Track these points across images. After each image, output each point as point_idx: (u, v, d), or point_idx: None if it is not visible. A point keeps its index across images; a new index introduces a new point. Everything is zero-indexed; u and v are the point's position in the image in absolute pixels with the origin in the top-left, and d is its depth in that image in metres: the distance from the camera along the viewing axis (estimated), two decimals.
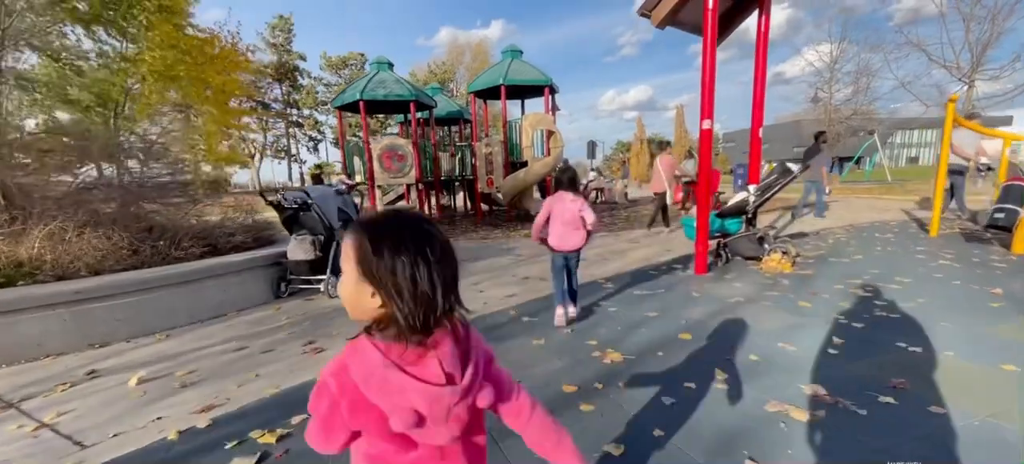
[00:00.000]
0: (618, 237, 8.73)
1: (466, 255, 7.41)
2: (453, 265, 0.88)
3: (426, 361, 0.85)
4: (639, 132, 69.18)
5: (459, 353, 0.89)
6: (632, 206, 16.32)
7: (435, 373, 0.85)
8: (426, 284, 0.82)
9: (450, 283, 0.87)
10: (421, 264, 0.82)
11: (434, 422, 0.85)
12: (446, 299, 0.85)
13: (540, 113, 13.18)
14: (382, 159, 12.54)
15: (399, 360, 0.84)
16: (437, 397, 0.84)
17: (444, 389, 0.84)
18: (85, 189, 5.38)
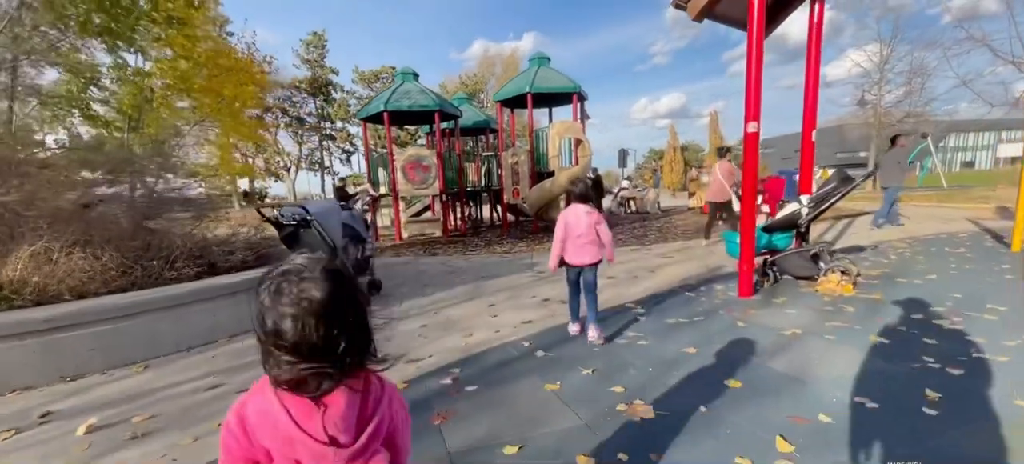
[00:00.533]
0: (649, 251, 8.08)
1: (484, 271, 6.94)
2: (340, 321, 0.82)
3: (314, 417, 0.83)
4: (672, 139, 67.66)
5: (354, 415, 0.86)
6: (664, 216, 15.55)
7: (320, 431, 0.83)
8: (291, 340, 0.79)
9: (327, 342, 0.80)
10: (288, 320, 0.79)
11: None
12: (323, 358, 0.81)
13: (567, 121, 12.66)
14: (406, 170, 12.26)
15: (290, 408, 0.83)
16: (321, 455, 0.83)
17: (327, 449, 0.83)
18: (86, 206, 5.17)
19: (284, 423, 0.82)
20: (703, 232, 9.18)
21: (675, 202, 25.67)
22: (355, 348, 0.84)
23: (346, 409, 0.85)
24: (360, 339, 0.86)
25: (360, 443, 0.85)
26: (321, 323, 0.79)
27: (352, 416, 0.86)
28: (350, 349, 0.83)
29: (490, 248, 9.93)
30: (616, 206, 19.06)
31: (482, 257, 8.61)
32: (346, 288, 0.84)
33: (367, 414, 0.88)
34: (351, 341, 0.83)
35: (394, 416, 0.94)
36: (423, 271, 7.33)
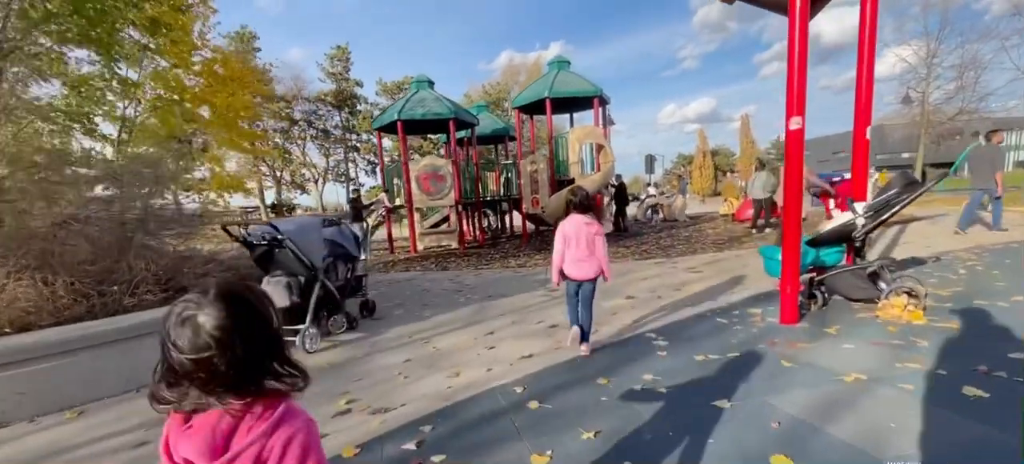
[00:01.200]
0: (676, 265, 7.34)
1: (493, 289, 6.36)
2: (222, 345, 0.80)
3: (183, 437, 0.84)
4: (701, 144, 65.92)
5: (216, 441, 0.83)
6: (693, 224, 14.67)
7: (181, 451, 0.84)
8: (169, 358, 0.82)
9: (199, 365, 0.80)
10: (168, 340, 0.82)
11: None
12: (193, 380, 0.82)
13: (588, 126, 12.03)
14: (420, 180, 11.83)
15: (171, 425, 0.87)
16: None
17: None
18: (62, 224, 4.83)
19: (164, 439, 0.87)
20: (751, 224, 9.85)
21: (705, 209, 24.62)
22: (241, 373, 0.83)
23: (208, 434, 0.83)
24: (249, 364, 0.84)
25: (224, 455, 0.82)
26: (198, 346, 0.80)
27: (217, 441, 0.83)
28: (230, 374, 0.81)
29: (505, 261, 9.36)
30: (643, 214, 18.24)
31: (495, 271, 8.03)
32: (236, 313, 0.83)
33: (239, 442, 0.83)
34: (235, 365, 0.81)
35: (274, 446, 0.84)
36: (427, 289, 6.80)
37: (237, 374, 0.82)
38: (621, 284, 6.08)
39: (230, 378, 0.81)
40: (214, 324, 0.80)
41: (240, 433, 0.84)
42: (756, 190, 11.25)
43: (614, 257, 8.73)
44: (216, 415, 0.83)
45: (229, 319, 0.81)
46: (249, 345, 0.83)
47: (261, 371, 0.85)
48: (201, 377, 0.80)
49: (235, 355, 0.81)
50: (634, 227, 15.10)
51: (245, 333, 0.83)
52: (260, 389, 0.85)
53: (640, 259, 8.37)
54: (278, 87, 34.71)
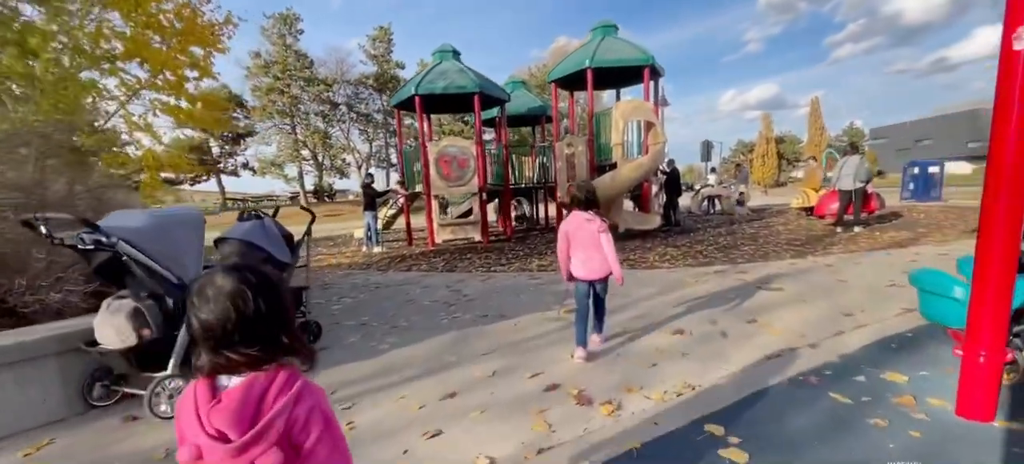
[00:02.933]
0: (744, 276, 5.54)
1: (494, 305, 4.84)
2: (241, 313, 0.87)
3: (213, 408, 0.86)
4: (765, 130, 61.24)
5: (248, 410, 0.87)
6: (757, 218, 12.50)
7: (210, 424, 0.86)
8: (197, 327, 0.88)
9: (225, 331, 0.87)
10: (196, 310, 0.88)
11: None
12: (223, 346, 0.87)
13: (635, 100, 10.20)
14: (439, 164, 10.43)
15: (199, 397, 0.89)
16: (209, 447, 0.85)
17: (214, 442, 0.85)
18: None
19: (189, 411, 0.88)
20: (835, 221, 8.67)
21: (767, 200, 22.03)
22: (261, 340, 0.88)
23: (239, 404, 0.86)
24: (266, 332, 0.89)
25: (243, 440, 0.84)
26: (221, 312, 0.86)
27: (246, 411, 0.86)
28: (251, 340, 0.87)
29: (527, 261, 7.80)
30: (698, 206, 16.14)
31: (508, 276, 6.51)
32: (252, 283, 0.89)
33: (264, 410, 0.87)
34: (253, 333, 0.87)
35: (299, 416, 0.89)
36: (414, 299, 5.37)
37: (258, 335, 0.88)
38: (667, 305, 4.41)
39: (252, 338, 0.87)
40: (230, 288, 0.87)
41: (267, 405, 0.87)
42: (845, 179, 9.10)
43: (662, 261, 7.00)
44: (243, 387, 0.87)
45: (242, 284, 0.88)
46: (266, 314, 0.88)
47: (277, 339, 0.91)
48: (226, 337, 0.86)
49: (252, 316, 0.87)
50: (687, 221, 13.13)
51: (258, 297, 0.88)
52: (279, 360, 0.91)
53: (695, 265, 6.60)
54: (321, 70, 34.53)
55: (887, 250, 6.72)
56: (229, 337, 0.86)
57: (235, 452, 0.83)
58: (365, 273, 7.60)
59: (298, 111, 34.36)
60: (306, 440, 0.89)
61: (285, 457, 0.86)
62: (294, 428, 0.87)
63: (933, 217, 10.73)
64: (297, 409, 0.88)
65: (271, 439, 0.85)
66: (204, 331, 0.87)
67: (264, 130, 35.24)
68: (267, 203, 39.91)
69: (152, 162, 4.97)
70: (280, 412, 0.86)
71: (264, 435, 0.84)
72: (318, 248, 12.29)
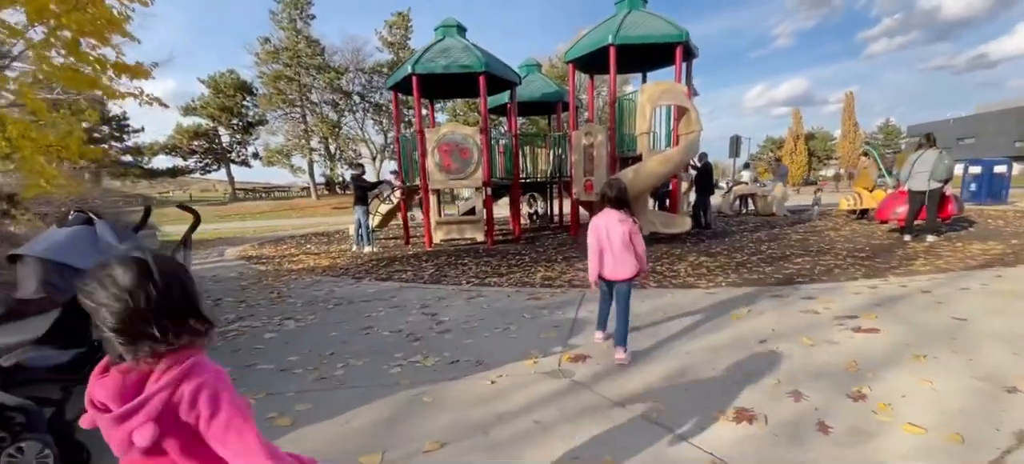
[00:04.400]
0: (812, 304, 4.14)
1: (472, 343, 3.56)
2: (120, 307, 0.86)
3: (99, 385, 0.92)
4: (795, 127, 58.52)
5: (126, 390, 0.90)
6: (798, 221, 10.92)
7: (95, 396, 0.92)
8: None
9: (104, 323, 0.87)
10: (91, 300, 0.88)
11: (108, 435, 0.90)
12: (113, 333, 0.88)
13: (665, 82, 8.77)
14: (438, 154, 9.18)
15: (94, 374, 0.94)
16: (97, 417, 0.91)
17: (96, 412, 0.91)
18: None
19: (94, 381, 0.93)
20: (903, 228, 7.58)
21: (799, 200, 20.30)
22: (141, 333, 0.87)
23: (118, 383, 0.90)
24: (146, 325, 0.87)
25: (119, 411, 0.88)
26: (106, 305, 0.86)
27: (123, 390, 0.90)
28: (146, 326, 0.87)
29: (532, 269, 6.50)
30: (729, 206, 14.61)
31: (504, 293, 5.21)
32: (145, 271, 0.88)
33: (149, 389, 0.89)
34: (149, 317, 0.87)
35: (184, 394, 0.90)
36: (370, 327, 4.11)
37: (152, 326, 0.86)
38: (717, 354, 3.07)
39: (147, 331, 0.86)
40: (127, 280, 0.86)
41: (151, 381, 0.90)
42: (918, 177, 7.56)
43: (697, 274, 5.63)
44: (125, 369, 0.90)
45: (139, 276, 0.87)
46: (161, 300, 0.88)
47: (178, 326, 0.90)
48: (121, 329, 0.86)
49: (146, 307, 0.86)
50: (718, 223, 11.64)
51: (155, 288, 0.88)
52: (174, 345, 0.90)
53: (741, 283, 5.21)
54: (335, 57, 33.56)
55: (993, 269, 5.23)
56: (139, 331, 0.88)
57: (111, 422, 0.88)
58: (335, 281, 6.39)
59: (308, 100, 33.52)
60: (197, 420, 0.90)
61: (173, 434, 0.90)
62: (180, 406, 0.89)
63: (1015, 223, 9.07)
64: (182, 387, 0.89)
65: (149, 413, 0.87)
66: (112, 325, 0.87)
67: (273, 119, 34.58)
68: (278, 194, 39.50)
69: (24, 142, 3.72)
70: (162, 387, 0.88)
71: (141, 408, 0.87)
72: (308, 245, 11.18)
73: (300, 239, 12.77)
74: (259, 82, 33.39)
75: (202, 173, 36.83)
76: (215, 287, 6.30)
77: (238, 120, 35.02)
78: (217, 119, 34.09)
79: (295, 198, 38.02)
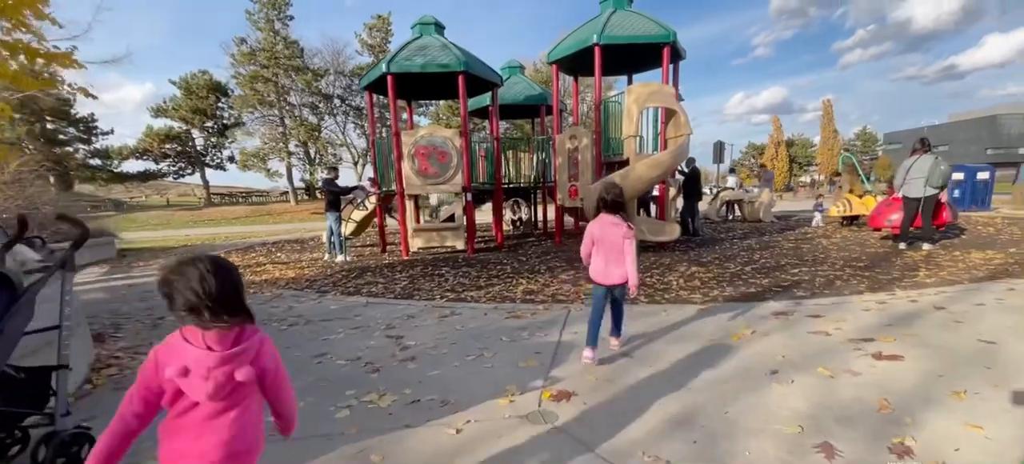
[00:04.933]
0: (821, 326, 3.75)
1: (439, 378, 3.07)
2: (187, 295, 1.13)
3: (199, 336, 1.17)
4: (776, 134, 59.17)
5: (226, 340, 1.18)
6: (787, 227, 10.62)
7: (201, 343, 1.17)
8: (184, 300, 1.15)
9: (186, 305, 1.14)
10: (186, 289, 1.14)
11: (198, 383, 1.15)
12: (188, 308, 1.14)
13: (653, 83, 8.40)
14: (416, 158, 8.68)
15: (187, 332, 1.18)
16: (200, 358, 1.15)
17: (205, 352, 1.15)
18: None
19: (179, 343, 1.17)
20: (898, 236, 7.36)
21: (788, 206, 20.22)
22: (225, 304, 1.15)
23: (219, 335, 1.17)
24: (231, 302, 1.17)
25: (229, 352, 1.17)
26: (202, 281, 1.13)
27: (225, 340, 1.18)
28: (221, 303, 1.14)
29: (514, 281, 6.04)
30: (716, 213, 14.34)
31: (481, 310, 4.73)
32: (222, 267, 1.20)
33: (241, 344, 1.20)
34: (221, 298, 1.14)
35: (263, 356, 1.25)
36: (325, 354, 3.58)
37: (229, 306, 1.16)
38: (722, 388, 2.62)
39: (225, 308, 1.15)
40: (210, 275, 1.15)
41: (240, 339, 1.21)
42: (913, 183, 7.30)
43: (689, 287, 5.22)
44: (221, 328, 1.17)
45: (216, 274, 1.16)
46: (230, 288, 1.18)
47: (240, 307, 1.19)
48: (215, 300, 1.13)
49: (223, 292, 1.15)
50: (706, 230, 11.31)
51: (227, 281, 1.17)
52: (241, 322, 1.20)
53: (737, 297, 4.81)
54: (315, 59, 32.73)
55: (1002, 282, 4.91)
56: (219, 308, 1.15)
57: (220, 361, 1.15)
58: (298, 295, 5.84)
59: (286, 102, 32.60)
60: (266, 371, 1.25)
61: (254, 378, 1.22)
62: (259, 359, 1.23)
63: (1007, 231, 8.88)
64: (258, 344, 1.24)
65: (246, 359, 1.20)
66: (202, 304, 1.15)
67: (250, 121, 33.56)
68: (256, 199, 38.32)
69: None
70: (249, 343, 1.21)
71: (243, 354, 1.19)
72: (278, 253, 10.55)
73: (271, 247, 12.11)
74: (234, 83, 32.37)
75: (175, 177, 35.52)
76: (160, 304, 5.69)
77: (213, 123, 33.78)
78: (190, 121, 32.87)
79: (273, 203, 36.99)
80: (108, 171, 32.54)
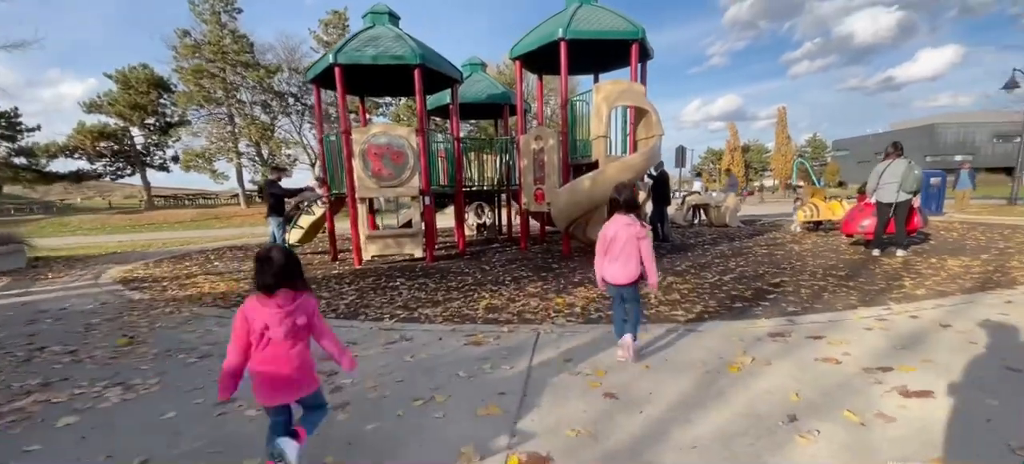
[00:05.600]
0: (826, 351, 3.29)
1: (398, 429, 2.40)
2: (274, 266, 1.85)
3: (269, 300, 1.84)
4: (732, 140, 60.83)
5: (287, 301, 1.86)
6: (756, 233, 10.41)
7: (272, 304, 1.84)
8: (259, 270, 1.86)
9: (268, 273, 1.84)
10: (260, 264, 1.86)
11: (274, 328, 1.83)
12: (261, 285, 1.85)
13: (623, 81, 7.94)
14: (367, 157, 7.91)
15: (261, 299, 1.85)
16: (272, 315, 1.83)
17: (276, 309, 1.84)
18: None
19: (257, 305, 1.84)
20: (871, 242, 7.19)
21: (747, 211, 20.41)
22: (289, 278, 1.87)
23: (282, 297, 1.85)
24: (291, 274, 1.88)
25: (289, 308, 1.86)
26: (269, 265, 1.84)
27: (286, 301, 1.86)
28: (284, 278, 1.86)
29: (474, 295, 5.40)
30: (683, 217, 14.11)
31: (437, 333, 4.07)
32: (284, 254, 1.89)
33: (297, 301, 1.90)
34: (281, 275, 1.85)
35: (311, 311, 1.95)
36: (234, 400, 2.85)
37: (293, 275, 1.89)
38: (723, 440, 2.07)
39: (291, 276, 1.87)
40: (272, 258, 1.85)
41: (297, 299, 1.89)
42: (886, 188, 7.13)
43: (671, 304, 4.72)
44: (282, 292, 1.86)
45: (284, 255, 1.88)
46: (285, 270, 1.86)
47: (299, 276, 1.92)
48: (277, 277, 1.83)
49: (282, 271, 1.85)
50: (675, 236, 10.99)
51: (289, 259, 1.89)
52: (292, 287, 1.89)
53: (723, 313, 4.33)
54: (268, 55, 31.06)
55: (994, 293, 4.63)
56: (284, 278, 1.86)
57: (286, 313, 1.84)
58: (221, 316, 5.01)
59: (235, 99, 30.72)
60: (316, 320, 1.97)
61: (307, 323, 1.93)
62: (308, 311, 1.93)
63: (970, 236, 8.90)
64: (309, 302, 1.94)
65: (301, 311, 1.89)
66: (275, 276, 1.85)
67: (196, 119, 31.45)
68: (203, 201, 35.95)
69: None
70: (303, 300, 1.91)
71: (300, 308, 1.89)
72: (216, 262, 9.52)
73: (211, 254, 11.01)
74: (177, 78, 30.23)
75: (114, 178, 32.86)
76: (49, 328, 4.74)
77: (155, 120, 31.44)
78: (128, 118, 30.45)
79: (222, 206, 34.86)
80: (34, 171, 29.82)
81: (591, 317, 4.31)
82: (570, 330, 3.93)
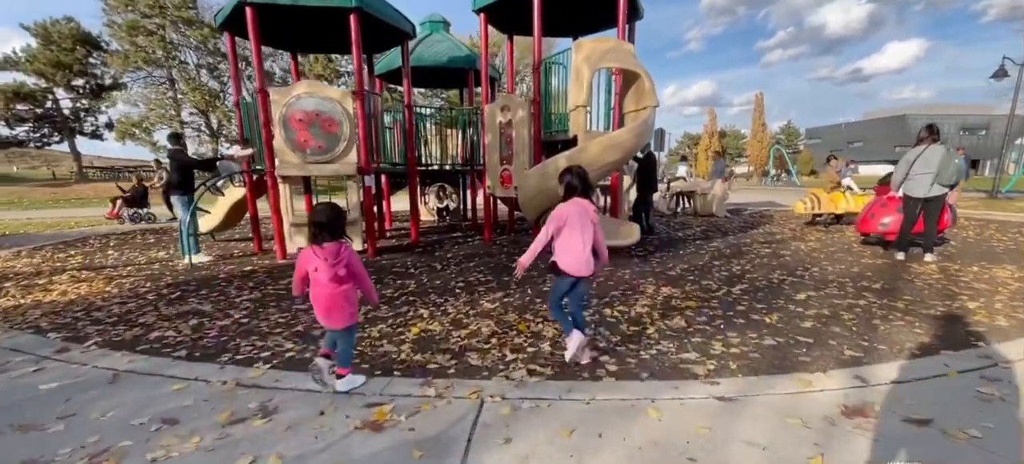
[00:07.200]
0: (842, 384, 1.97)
1: None
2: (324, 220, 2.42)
3: (319, 250, 2.38)
4: (710, 125, 60.28)
5: (332, 250, 2.39)
6: (749, 225, 9.23)
7: (320, 251, 2.38)
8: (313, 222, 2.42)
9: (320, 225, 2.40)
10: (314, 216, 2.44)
11: (321, 272, 2.39)
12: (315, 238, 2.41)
13: (608, 40, 6.48)
14: (291, 126, 6.31)
15: (313, 247, 2.40)
16: (319, 261, 2.37)
17: (323, 256, 2.37)
18: None
19: (310, 253, 2.40)
20: (896, 243, 6.19)
21: (732, 199, 19.35)
22: (332, 232, 2.41)
23: (328, 247, 2.38)
24: (334, 229, 2.42)
25: (334, 258, 2.38)
26: (321, 219, 2.41)
27: (331, 250, 2.38)
28: (328, 232, 2.40)
29: (413, 308, 3.94)
30: (667, 205, 12.90)
31: (317, 401, 2.60)
32: (331, 211, 2.45)
33: (341, 252, 2.41)
34: (327, 228, 2.40)
35: (352, 259, 2.46)
36: None
37: (336, 229, 2.43)
38: None
39: (334, 230, 2.42)
40: (323, 212, 2.43)
41: (340, 250, 2.43)
42: (919, 180, 5.93)
43: (677, 340, 3.36)
44: (329, 243, 2.40)
45: (329, 213, 2.43)
46: (332, 223, 2.41)
47: (342, 230, 2.46)
48: (326, 228, 2.39)
49: (328, 225, 2.40)
50: (660, 226, 9.73)
51: (333, 219, 2.42)
52: (337, 239, 2.43)
53: (755, 366, 3.01)
54: (210, 13, 28.12)
55: None
56: (331, 230, 2.40)
57: (331, 266, 2.37)
58: (39, 347, 3.43)
59: (177, 61, 27.88)
60: (357, 268, 2.49)
61: (347, 274, 2.45)
62: (351, 261, 2.46)
63: (987, 235, 7.87)
64: (350, 253, 2.45)
65: (343, 261, 2.41)
66: (317, 226, 2.39)
67: (133, 82, 28.49)
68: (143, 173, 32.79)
69: None
70: (345, 250, 2.44)
71: (342, 259, 2.41)
72: (110, 250, 7.77)
73: (115, 239, 9.19)
74: (109, 34, 27.16)
75: (38, 145, 29.66)
76: None
77: (84, 81, 28.30)
78: (50, 78, 27.23)
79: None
80: None
81: (565, 359, 2.93)
82: (532, 391, 2.54)
